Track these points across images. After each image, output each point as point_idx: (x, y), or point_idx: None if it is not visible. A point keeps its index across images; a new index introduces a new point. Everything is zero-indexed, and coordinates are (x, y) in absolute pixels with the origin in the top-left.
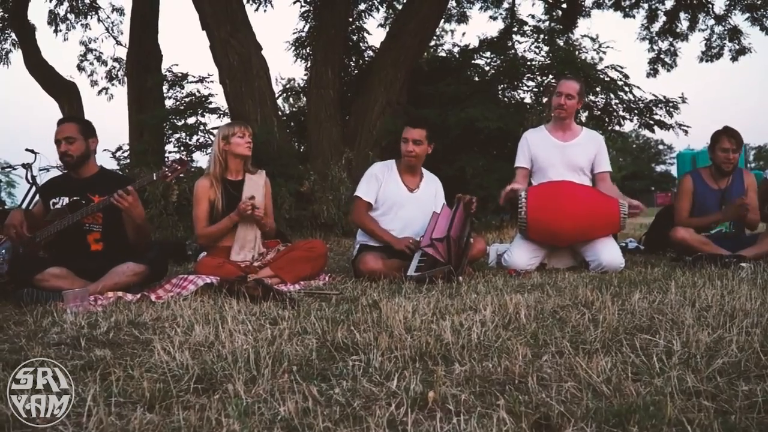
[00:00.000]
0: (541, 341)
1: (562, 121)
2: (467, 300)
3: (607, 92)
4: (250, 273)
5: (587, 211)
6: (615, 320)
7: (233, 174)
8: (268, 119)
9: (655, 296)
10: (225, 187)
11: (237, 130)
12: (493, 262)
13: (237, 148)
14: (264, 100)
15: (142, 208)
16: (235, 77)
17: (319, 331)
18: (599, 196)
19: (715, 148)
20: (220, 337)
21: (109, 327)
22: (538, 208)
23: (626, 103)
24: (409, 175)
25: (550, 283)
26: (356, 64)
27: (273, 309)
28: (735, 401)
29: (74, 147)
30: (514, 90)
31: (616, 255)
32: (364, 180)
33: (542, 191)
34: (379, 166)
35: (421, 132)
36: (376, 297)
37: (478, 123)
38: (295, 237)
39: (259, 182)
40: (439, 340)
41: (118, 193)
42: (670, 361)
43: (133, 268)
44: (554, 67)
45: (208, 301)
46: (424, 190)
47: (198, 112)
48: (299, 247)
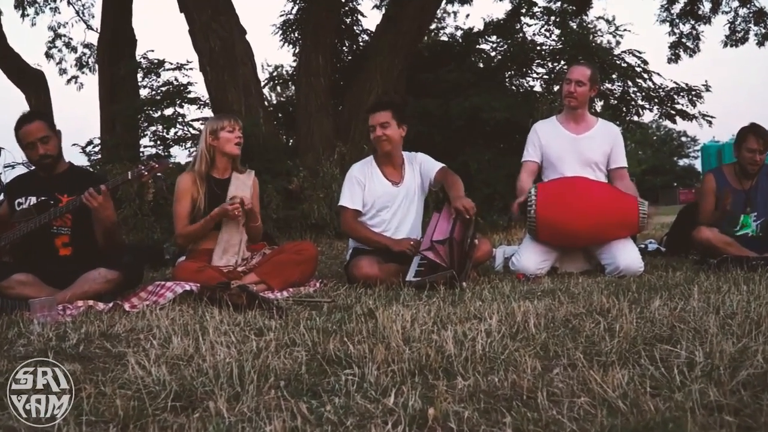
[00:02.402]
0: (552, 353)
1: (574, 111)
2: (471, 308)
3: (624, 79)
4: (233, 279)
5: (602, 210)
6: (633, 330)
7: (220, 172)
8: (253, 110)
9: (677, 303)
10: (210, 185)
11: (226, 124)
12: (500, 265)
13: (225, 145)
14: (248, 89)
15: (113, 211)
16: (216, 64)
17: (309, 343)
18: (616, 194)
19: (741, 146)
20: (200, 349)
21: (79, 339)
22: (548, 206)
23: (645, 92)
24: (389, 167)
25: (562, 288)
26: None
27: (258, 318)
28: (760, 416)
29: (51, 146)
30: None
31: (634, 258)
32: (345, 187)
33: (553, 188)
34: (357, 167)
35: (385, 114)
36: (372, 305)
37: (483, 113)
38: (282, 239)
39: (247, 182)
40: (440, 351)
41: (89, 191)
42: (692, 373)
43: (105, 274)
44: (566, 52)
45: (188, 311)
46: (409, 179)
47: (176, 102)
48: (287, 250)
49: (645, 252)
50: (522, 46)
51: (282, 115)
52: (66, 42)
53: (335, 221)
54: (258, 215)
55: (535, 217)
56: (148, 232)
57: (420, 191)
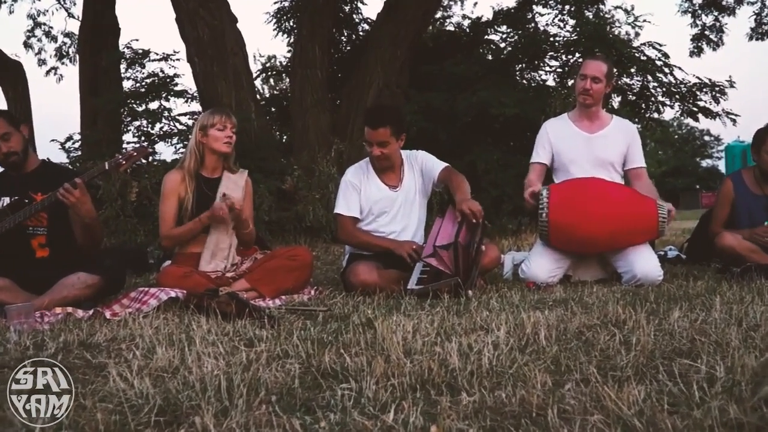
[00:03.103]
0: (564, 367)
1: (588, 109)
2: (477, 318)
3: (643, 73)
4: (222, 285)
5: (619, 214)
6: (650, 343)
7: (209, 171)
8: (244, 104)
9: (698, 314)
10: (198, 184)
11: (217, 121)
12: (509, 273)
13: (214, 142)
14: (239, 82)
15: (92, 205)
16: (205, 54)
17: (303, 355)
18: (633, 196)
19: (759, 149)
20: (186, 361)
21: (58, 348)
22: (561, 209)
23: (666, 87)
24: (388, 172)
25: (575, 298)
26: (349, 39)
27: (249, 328)
28: None
29: (13, 143)
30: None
31: (652, 266)
32: (340, 193)
33: (567, 190)
34: (352, 171)
35: (384, 132)
36: (371, 314)
37: (491, 109)
38: (275, 243)
39: (239, 182)
40: (443, 365)
41: (64, 187)
42: (712, 389)
43: (85, 279)
44: (581, 44)
45: (173, 319)
46: (408, 181)
47: (161, 95)
48: (280, 255)
49: (664, 259)
50: (534, 37)
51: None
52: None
53: (332, 224)
54: (250, 220)
55: (546, 221)
56: (131, 235)
57: (421, 193)
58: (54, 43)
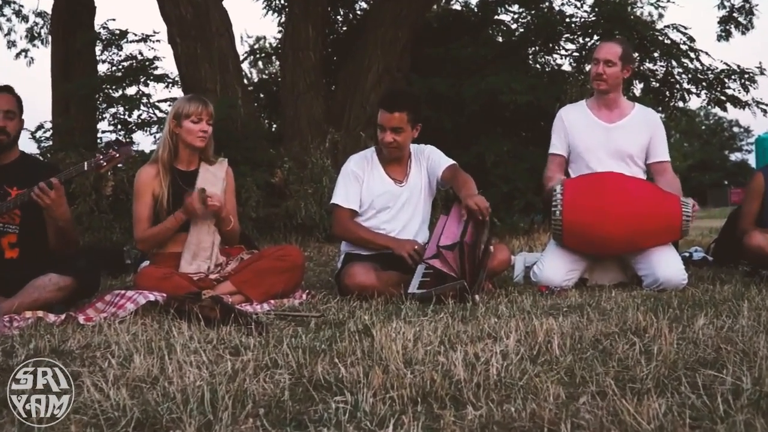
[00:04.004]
0: (579, 378)
1: (605, 96)
2: (485, 325)
3: (667, 58)
4: (205, 288)
5: (640, 212)
6: (673, 352)
7: (185, 164)
8: (230, 89)
9: (724, 321)
10: (174, 178)
11: (192, 111)
12: (520, 276)
13: (187, 135)
14: (225, 65)
15: (68, 207)
16: (188, 35)
17: (294, 365)
18: (656, 192)
19: None
20: (166, 370)
21: (28, 355)
22: (577, 207)
23: (692, 73)
24: (394, 164)
25: (591, 304)
26: (345, 18)
27: (234, 335)
28: None
29: (11, 126)
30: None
31: (676, 269)
32: (340, 182)
33: (582, 185)
34: (355, 160)
35: (401, 117)
36: (368, 320)
37: (501, 96)
38: (263, 242)
39: (218, 174)
40: (447, 376)
41: (39, 186)
42: (738, 402)
43: (57, 281)
44: (600, 26)
45: (152, 325)
46: (414, 176)
47: (140, 79)
48: (269, 255)
49: (689, 261)
50: (549, 18)
51: (264, 95)
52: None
53: (326, 221)
54: (233, 215)
55: (560, 219)
56: (106, 232)
57: (427, 191)
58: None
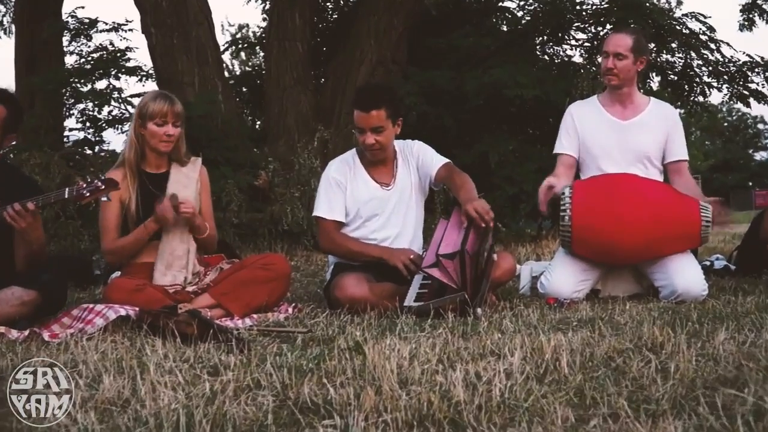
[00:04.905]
0: (589, 399)
1: (618, 91)
2: (488, 341)
3: (686, 49)
4: (181, 301)
5: (656, 217)
6: (691, 370)
7: (153, 166)
8: (209, 82)
9: (746, 335)
10: (142, 182)
11: (156, 112)
12: (526, 287)
13: (151, 139)
14: (204, 56)
15: (42, 231)
16: (163, 24)
17: (278, 385)
18: (673, 196)
19: None
20: (138, 392)
21: None
22: (588, 211)
23: (712, 65)
24: (378, 166)
25: (603, 317)
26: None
27: (213, 353)
28: None
29: None
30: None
31: (695, 279)
32: (321, 191)
33: (594, 188)
34: (335, 165)
35: (379, 114)
36: (359, 337)
37: (506, 90)
38: (245, 251)
39: (191, 175)
40: (446, 398)
41: (14, 208)
42: (759, 423)
43: (20, 294)
44: (613, 14)
45: (123, 342)
46: (402, 177)
47: (111, 72)
48: (251, 264)
49: (710, 270)
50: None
51: (247, 89)
52: None
53: (314, 228)
54: (209, 221)
55: (569, 225)
56: (73, 240)
57: (418, 192)
58: None
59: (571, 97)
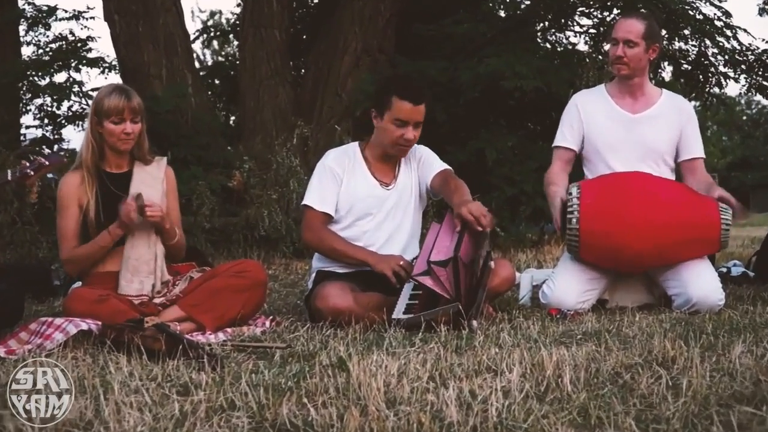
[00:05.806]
0: (594, 419)
1: (628, 81)
2: (483, 357)
3: (700, 37)
4: (148, 314)
5: (671, 220)
6: (704, 386)
7: (113, 165)
8: (178, 74)
9: (765, 349)
10: (102, 183)
11: (113, 108)
12: (527, 297)
13: (108, 137)
14: (173, 46)
15: None
16: (128, 10)
17: (254, 406)
18: (689, 197)
19: None
20: (101, 413)
21: None
22: (596, 213)
23: (729, 54)
24: (382, 163)
25: (611, 329)
26: None
27: (183, 371)
28: None
29: None
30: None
31: (712, 287)
32: (315, 179)
33: (602, 187)
34: (335, 155)
35: (423, 110)
36: (343, 352)
37: (504, 82)
38: (219, 258)
39: (156, 174)
40: (437, 418)
41: None
42: None
43: None
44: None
45: (84, 358)
46: (404, 179)
47: (71, 64)
48: (224, 272)
49: (727, 278)
50: None
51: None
52: None
53: (294, 233)
54: (177, 225)
55: (577, 228)
56: (30, 248)
57: (418, 197)
58: None
59: (575, 89)
